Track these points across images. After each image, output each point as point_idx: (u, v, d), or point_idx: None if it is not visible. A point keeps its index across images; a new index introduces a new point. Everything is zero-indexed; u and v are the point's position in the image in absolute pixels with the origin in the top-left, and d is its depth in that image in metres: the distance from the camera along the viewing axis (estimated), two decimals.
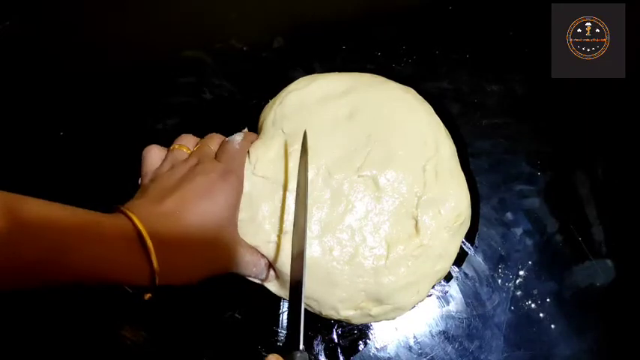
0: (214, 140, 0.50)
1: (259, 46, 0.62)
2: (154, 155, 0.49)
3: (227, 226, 0.44)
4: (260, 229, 0.48)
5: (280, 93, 0.56)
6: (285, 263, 0.47)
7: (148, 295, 0.40)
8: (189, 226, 0.40)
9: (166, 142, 0.51)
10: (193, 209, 0.41)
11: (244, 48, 0.62)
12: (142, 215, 0.39)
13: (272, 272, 0.49)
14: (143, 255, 0.38)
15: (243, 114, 0.57)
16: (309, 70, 0.60)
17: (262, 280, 0.49)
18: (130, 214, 0.38)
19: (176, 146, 0.49)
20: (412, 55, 0.61)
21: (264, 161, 0.49)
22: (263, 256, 0.48)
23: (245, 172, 0.49)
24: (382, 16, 0.63)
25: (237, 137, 0.50)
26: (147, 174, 0.48)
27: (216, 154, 0.49)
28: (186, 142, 0.50)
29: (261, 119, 0.55)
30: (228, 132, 0.52)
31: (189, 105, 0.60)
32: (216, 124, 0.56)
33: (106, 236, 0.37)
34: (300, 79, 0.56)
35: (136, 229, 0.38)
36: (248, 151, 0.50)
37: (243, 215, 0.48)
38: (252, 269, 0.47)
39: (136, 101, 0.60)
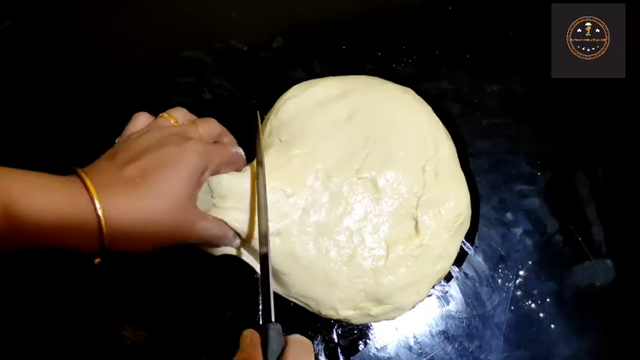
0: (208, 124, 0.48)
1: (259, 46, 0.62)
2: (139, 121, 0.47)
3: (186, 200, 0.43)
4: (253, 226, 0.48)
5: (276, 103, 0.55)
6: (278, 263, 0.48)
7: (97, 260, 0.40)
8: (145, 195, 0.40)
9: None
10: (153, 180, 0.40)
11: (244, 48, 0.62)
12: (99, 181, 0.38)
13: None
14: (95, 220, 0.37)
15: (243, 114, 0.57)
16: (310, 70, 0.60)
17: (234, 246, 0.49)
18: (86, 180, 0.38)
19: (165, 115, 0.48)
20: (412, 55, 0.61)
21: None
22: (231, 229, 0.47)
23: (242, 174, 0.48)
24: (382, 16, 0.63)
25: (240, 149, 0.50)
26: (124, 135, 0.47)
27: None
28: (177, 115, 0.48)
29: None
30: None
31: (189, 105, 0.59)
32: None
33: (58, 201, 0.37)
34: (295, 86, 0.56)
35: (89, 195, 0.37)
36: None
37: (238, 205, 0.47)
38: (222, 240, 0.47)
39: (136, 101, 0.60)
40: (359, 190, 0.50)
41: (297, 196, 0.49)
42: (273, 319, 0.38)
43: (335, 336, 0.50)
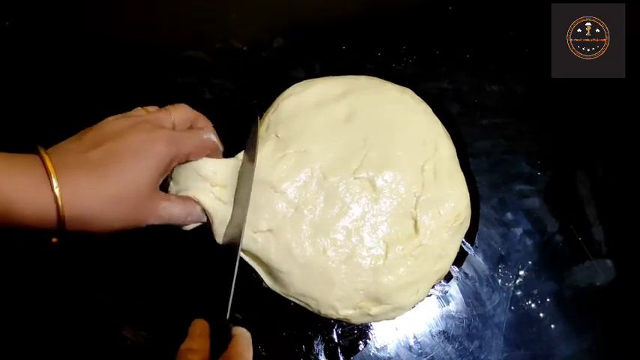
0: (180, 110, 0.48)
1: (259, 46, 0.62)
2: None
3: (149, 188, 0.42)
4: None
5: (276, 100, 0.55)
6: (275, 260, 0.48)
7: (54, 239, 0.40)
8: (107, 180, 0.39)
9: None
10: (116, 166, 0.40)
11: (244, 48, 0.62)
12: (61, 162, 0.38)
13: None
14: (53, 201, 0.37)
15: (243, 114, 0.57)
16: (310, 70, 0.60)
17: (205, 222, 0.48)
18: (46, 160, 0.38)
19: (139, 108, 0.48)
20: (412, 55, 0.61)
21: None
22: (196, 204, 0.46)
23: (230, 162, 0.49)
24: (382, 16, 0.63)
25: (212, 135, 0.49)
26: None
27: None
28: (151, 109, 0.48)
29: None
30: (228, 132, 0.52)
31: (189, 105, 0.60)
32: (216, 124, 0.56)
33: (17, 181, 0.37)
34: (295, 84, 0.56)
35: (48, 176, 0.37)
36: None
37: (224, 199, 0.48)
38: (187, 219, 0.46)
39: (136, 101, 0.60)
40: (356, 190, 0.50)
41: (289, 193, 0.49)
42: (227, 317, 0.41)
43: (335, 336, 0.50)
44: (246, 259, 0.50)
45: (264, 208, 0.48)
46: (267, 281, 0.50)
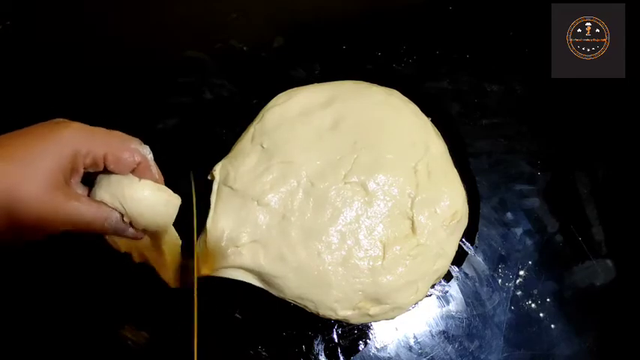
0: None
1: (259, 46, 0.62)
2: None
3: (51, 177, 0.37)
4: (223, 239, 0.48)
5: (261, 111, 0.55)
6: (266, 267, 0.48)
7: None
8: (11, 163, 0.36)
9: (166, 142, 0.51)
10: (17, 148, 0.37)
11: (244, 48, 0.62)
12: None
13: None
14: None
15: (243, 114, 0.58)
16: (309, 70, 0.61)
17: (130, 236, 0.43)
18: None
19: None
20: (412, 55, 0.61)
21: (236, 174, 0.49)
22: (113, 209, 0.41)
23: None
24: (382, 16, 0.63)
25: (144, 149, 0.42)
26: None
27: None
28: None
29: (239, 139, 0.55)
30: (228, 132, 0.52)
31: (189, 105, 0.60)
32: (216, 124, 0.56)
33: None
34: (280, 94, 0.56)
35: None
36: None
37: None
38: (105, 224, 0.40)
39: (136, 101, 0.60)
40: (347, 195, 0.50)
41: (273, 204, 0.49)
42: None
43: (335, 336, 0.50)
44: (239, 276, 0.50)
45: (245, 221, 0.48)
46: (264, 288, 0.50)
